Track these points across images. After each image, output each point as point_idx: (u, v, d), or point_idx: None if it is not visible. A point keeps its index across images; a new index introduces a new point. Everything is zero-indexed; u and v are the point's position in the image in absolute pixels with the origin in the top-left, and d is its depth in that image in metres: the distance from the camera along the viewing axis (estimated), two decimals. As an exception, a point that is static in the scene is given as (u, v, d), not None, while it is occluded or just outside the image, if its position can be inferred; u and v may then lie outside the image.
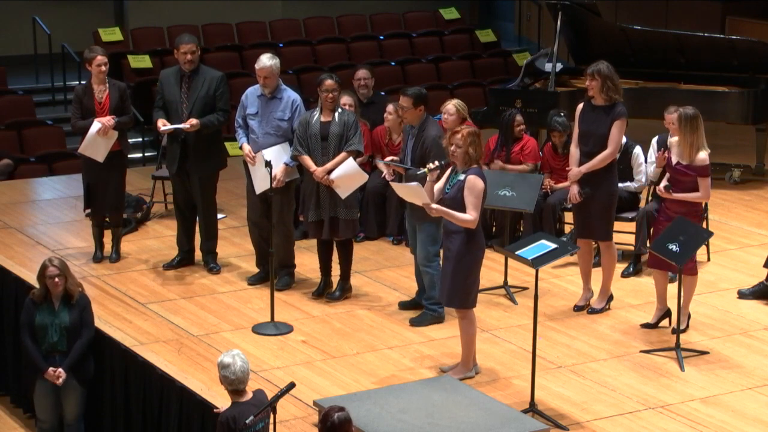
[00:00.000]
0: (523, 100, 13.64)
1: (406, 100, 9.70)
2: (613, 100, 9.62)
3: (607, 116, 9.64)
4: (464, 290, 8.66)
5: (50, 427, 9.21)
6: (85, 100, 10.90)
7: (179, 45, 10.66)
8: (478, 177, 8.51)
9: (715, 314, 10.08)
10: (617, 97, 9.62)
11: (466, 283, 8.66)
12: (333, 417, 6.59)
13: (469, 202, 8.49)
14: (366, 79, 12.42)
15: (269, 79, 10.30)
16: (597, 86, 9.61)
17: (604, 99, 9.63)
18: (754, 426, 8.23)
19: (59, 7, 19.44)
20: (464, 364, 8.83)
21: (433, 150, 9.53)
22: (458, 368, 8.83)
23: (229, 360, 7.29)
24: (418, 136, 9.69)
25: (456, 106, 11.33)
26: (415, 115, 9.71)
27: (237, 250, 11.42)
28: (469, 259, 8.62)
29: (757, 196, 13.39)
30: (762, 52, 13.95)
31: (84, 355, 9.08)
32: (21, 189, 13.66)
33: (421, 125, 9.71)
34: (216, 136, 10.86)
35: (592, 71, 9.65)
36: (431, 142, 9.59)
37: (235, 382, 7.30)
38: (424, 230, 9.69)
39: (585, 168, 9.70)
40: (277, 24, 19.86)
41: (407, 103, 9.70)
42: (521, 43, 21.64)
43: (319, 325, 9.79)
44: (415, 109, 9.69)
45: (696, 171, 9.44)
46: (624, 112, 9.67)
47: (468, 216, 8.49)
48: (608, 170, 9.75)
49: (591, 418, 8.27)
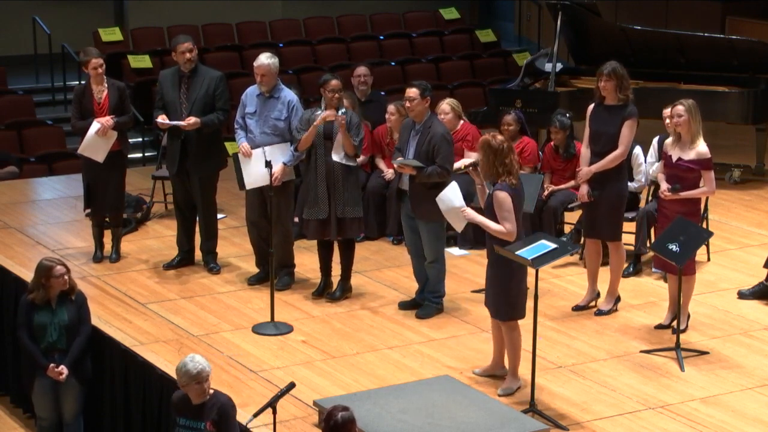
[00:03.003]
0: (523, 100, 13.65)
1: (414, 91, 9.66)
2: (627, 100, 9.61)
3: (619, 116, 9.63)
4: (509, 300, 8.52)
5: (50, 425, 9.21)
6: (84, 101, 10.90)
7: (176, 45, 10.67)
8: (503, 191, 8.35)
9: (715, 314, 10.08)
10: (629, 96, 9.61)
11: (510, 293, 8.50)
12: (336, 416, 6.60)
13: (501, 217, 8.38)
14: (365, 76, 12.41)
15: (266, 77, 10.31)
16: (612, 86, 9.59)
17: (618, 99, 9.62)
18: (754, 426, 8.22)
19: (59, 7, 19.45)
20: (512, 375, 8.66)
21: (442, 147, 9.55)
22: (507, 380, 8.66)
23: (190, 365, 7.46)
24: (423, 133, 9.67)
25: (450, 105, 11.37)
26: (422, 107, 9.67)
27: (237, 250, 11.42)
28: (511, 268, 8.43)
29: (757, 196, 13.39)
30: (762, 52, 13.95)
31: (84, 352, 9.08)
32: (21, 189, 13.67)
33: (426, 122, 9.70)
34: (216, 135, 10.86)
35: (608, 71, 9.59)
36: (440, 139, 9.59)
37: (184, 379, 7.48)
38: (430, 228, 9.71)
39: (595, 167, 9.68)
40: (277, 24, 19.86)
41: (415, 94, 9.66)
42: (521, 43, 21.64)
43: (319, 325, 9.79)
44: (422, 100, 9.65)
45: (700, 165, 9.44)
46: (635, 112, 9.66)
47: (501, 227, 8.39)
48: (618, 171, 9.73)
49: (591, 418, 8.27)
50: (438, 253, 9.85)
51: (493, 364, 8.86)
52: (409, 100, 9.73)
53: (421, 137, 9.67)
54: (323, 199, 10.02)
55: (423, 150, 9.62)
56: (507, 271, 8.47)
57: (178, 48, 10.64)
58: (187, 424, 7.51)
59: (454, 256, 11.24)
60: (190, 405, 7.50)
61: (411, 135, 9.77)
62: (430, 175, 9.55)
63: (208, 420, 7.43)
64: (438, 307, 9.95)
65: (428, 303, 9.97)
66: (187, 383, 7.42)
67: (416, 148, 9.67)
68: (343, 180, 9.99)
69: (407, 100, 9.76)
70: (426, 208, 9.55)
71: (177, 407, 7.60)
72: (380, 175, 11.85)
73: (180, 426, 7.55)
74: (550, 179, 11.44)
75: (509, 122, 11.47)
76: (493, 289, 8.61)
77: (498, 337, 8.78)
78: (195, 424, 7.47)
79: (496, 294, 8.58)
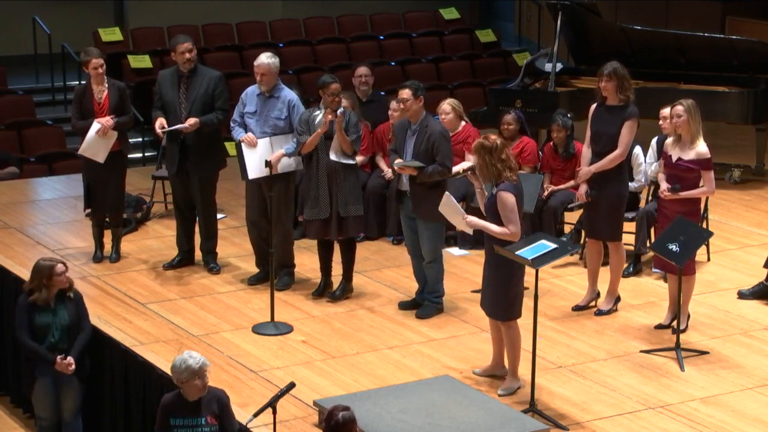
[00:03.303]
0: (523, 100, 13.65)
1: (407, 92, 9.65)
2: (628, 101, 9.61)
3: (619, 117, 9.63)
4: (507, 301, 8.53)
5: (50, 425, 9.20)
6: (84, 101, 10.91)
7: (176, 46, 10.68)
8: (507, 192, 8.37)
9: (715, 314, 10.08)
10: (630, 97, 9.61)
11: (509, 293, 8.51)
12: (338, 416, 6.60)
13: (504, 217, 8.39)
14: (366, 76, 12.41)
15: (266, 76, 10.32)
16: (612, 87, 9.59)
17: (618, 99, 9.62)
18: (754, 426, 8.22)
19: (59, 7, 19.45)
20: (512, 375, 8.66)
21: (441, 144, 9.55)
22: (507, 380, 8.67)
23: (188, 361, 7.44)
24: (420, 132, 9.66)
25: (451, 104, 11.38)
26: (417, 106, 9.65)
27: (237, 250, 11.42)
28: (509, 268, 8.45)
29: (757, 196, 13.39)
30: (762, 52, 13.95)
31: (86, 348, 9.06)
32: (21, 189, 13.67)
33: (422, 121, 9.69)
34: (215, 135, 10.86)
35: (608, 72, 9.59)
36: (438, 137, 9.59)
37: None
38: (430, 228, 9.71)
39: (595, 168, 9.68)
40: (277, 24, 19.87)
41: (408, 95, 9.64)
42: (521, 43, 21.64)
43: (319, 325, 9.79)
44: (416, 100, 9.64)
45: (699, 165, 9.44)
46: (635, 113, 9.65)
47: (505, 230, 8.40)
48: (617, 171, 9.72)
49: (591, 418, 8.27)
50: (436, 254, 9.85)
51: (494, 364, 8.86)
52: (403, 101, 9.72)
53: (419, 137, 9.66)
54: (324, 199, 10.02)
55: (422, 149, 9.62)
56: (507, 272, 8.47)
57: (178, 48, 10.64)
58: (184, 423, 7.47)
59: (454, 256, 11.25)
60: (185, 403, 7.47)
61: (408, 135, 9.76)
62: (431, 174, 9.55)
63: (208, 414, 7.42)
64: (438, 307, 9.96)
65: (428, 303, 9.98)
66: (187, 379, 7.40)
67: (414, 148, 9.67)
68: (345, 178, 9.99)
69: (401, 101, 9.77)
70: (426, 207, 9.55)
71: (169, 409, 7.52)
72: (380, 174, 11.84)
73: (175, 427, 7.50)
74: (549, 179, 11.44)
75: (509, 122, 11.48)
76: (491, 289, 8.60)
77: (497, 337, 8.78)
78: (194, 421, 7.45)
79: (495, 294, 8.57)
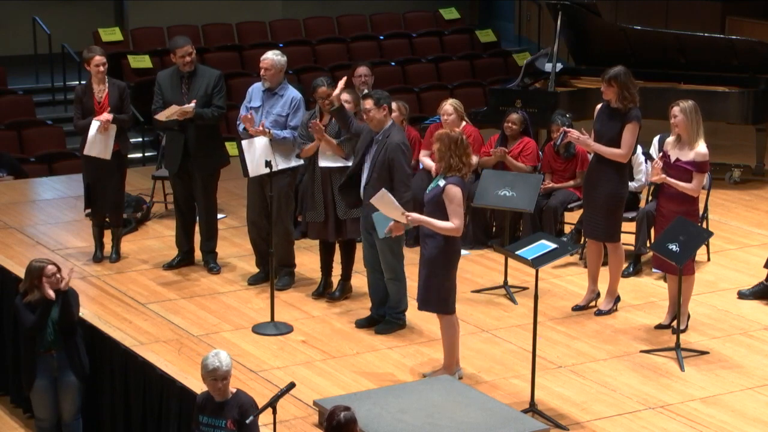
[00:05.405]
0: (523, 100, 13.64)
1: (369, 102, 9.36)
2: (628, 107, 9.61)
3: (620, 119, 9.64)
4: (440, 295, 8.56)
5: (49, 426, 9.20)
6: (85, 100, 10.91)
7: (175, 49, 10.68)
8: (456, 186, 8.38)
9: (715, 314, 10.08)
10: (632, 105, 9.61)
11: (443, 288, 8.55)
12: (339, 416, 6.60)
13: (451, 211, 8.39)
14: (366, 76, 12.41)
15: (269, 71, 10.35)
16: (612, 92, 9.59)
17: (620, 104, 9.63)
18: (754, 426, 8.22)
19: (59, 7, 19.45)
20: (446, 369, 8.72)
21: (397, 157, 9.26)
22: (440, 372, 8.72)
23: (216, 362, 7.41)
24: (381, 142, 9.37)
25: (453, 105, 11.35)
26: (380, 116, 9.36)
27: (237, 250, 11.42)
28: (444, 263, 8.52)
29: (757, 196, 13.39)
30: (762, 52, 13.95)
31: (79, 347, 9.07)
32: (21, 189, 13.67)
33: (386, 131, 9.40)
34: (216, 133, 10.88)
35: (608, 78, 9.60)
36: (394, 148, 9.29)
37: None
38: (386, 243, 9.34)
39: (596, 146, 9.67)
40: (277, 24, 19.87)
41: (370, 105, 9.35)
42: (521, 43, 21.64)
43: (319, 325, 9.79)
44: (378, 109, 9.34)
45: (695, 166, 9.43)
46: (636, 116, 9.63)
47: (450, 224, 8.39)
48: (614, 171, 9.71)
49: (591, 418, 8.27)
50: (396, 268, 9.51)
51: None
52: (365, 112, 9.41)
53: (379, 146, 9.38)
54: (320, 203, 10.03)
55: (379, 159, 9.34)
56: (441, 266, 8.50)
57: (178, 52, 10.65)
58: (208, 421, 7.45)
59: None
60: (212, 402, 7.48)
61: (373, 144, 9.43)
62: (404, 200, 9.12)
63: (229, 418, 7.40)
64: (400, 323, 9.65)
65: (389, 319, 9.66)
66: (204, 377, 7.42)
67: (373, 159, 9.37)
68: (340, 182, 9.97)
69: (364, 111, 9.45)
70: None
71: (200, 405, 7.56)
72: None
73: (202, 424, 7.51)
74: (550, 179, 11.44)
75: (514, 121, 11.49)
76: (425, 283, 8.58)
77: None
78: (216, 422, 7.43)
79: (429, 289, 8.56)
